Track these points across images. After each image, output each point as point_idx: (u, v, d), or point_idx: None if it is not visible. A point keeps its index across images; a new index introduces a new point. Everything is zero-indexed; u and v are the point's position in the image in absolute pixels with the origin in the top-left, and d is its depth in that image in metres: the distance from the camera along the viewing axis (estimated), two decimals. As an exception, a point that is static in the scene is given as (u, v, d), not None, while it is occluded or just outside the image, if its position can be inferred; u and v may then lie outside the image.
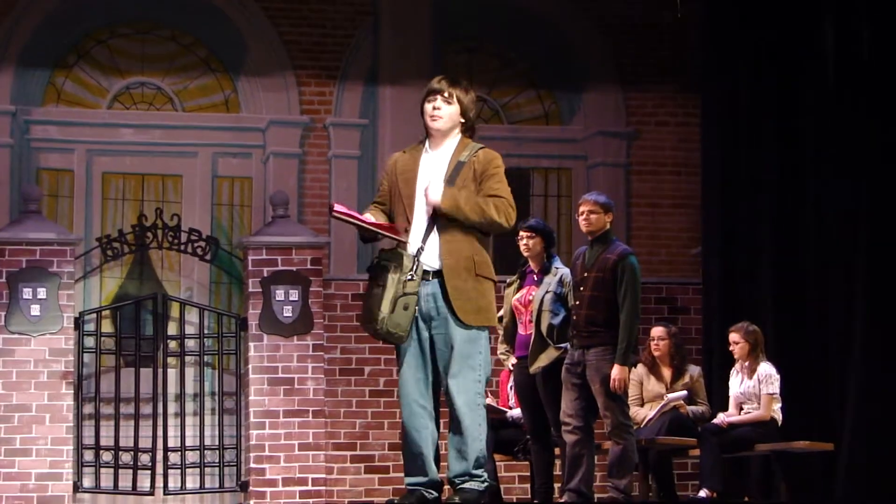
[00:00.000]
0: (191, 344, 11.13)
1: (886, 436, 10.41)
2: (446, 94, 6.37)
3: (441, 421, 6.39)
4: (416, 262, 6.21)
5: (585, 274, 8.44)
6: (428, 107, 6.39)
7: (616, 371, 8.22)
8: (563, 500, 8.51)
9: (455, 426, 6.27)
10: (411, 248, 6.26)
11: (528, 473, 9.83)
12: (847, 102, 10.92)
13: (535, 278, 8.90)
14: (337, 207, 6.25)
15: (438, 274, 6.25)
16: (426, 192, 6.28)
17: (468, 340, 6.25)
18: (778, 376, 9.59)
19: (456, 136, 6.42)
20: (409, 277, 6.17)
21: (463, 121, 6.42)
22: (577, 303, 8.45)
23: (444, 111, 6.37)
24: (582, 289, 8.44)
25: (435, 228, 6.27)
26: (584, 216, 8.47)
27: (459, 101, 6.38)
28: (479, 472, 6.32)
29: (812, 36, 11.14)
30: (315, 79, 11.85)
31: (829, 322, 10.86)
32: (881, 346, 10.55)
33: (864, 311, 10.64)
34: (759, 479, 10.67)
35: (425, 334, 6.29)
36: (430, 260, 6.26)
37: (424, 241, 6.26)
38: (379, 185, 6.54)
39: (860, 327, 10.63)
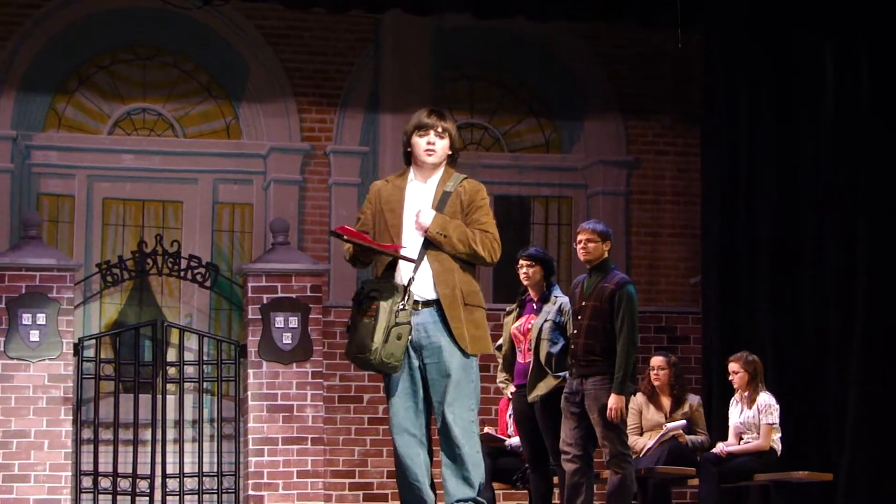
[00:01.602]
0: (190, 370, 11.12)
1: (885, 465, 10.39)
2: (440, 130, 6.39)
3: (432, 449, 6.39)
4: (408, 292, 6.22)
5: (583, 303, 8.44)
6: (421, 141, 6.39)
7: (612, 400, 8.21)
8: (561, 530, 8.50)
9: (453, 454, 6.26)
10: (401, 277, 6.27)
11: (527, 502, 9.80)
12: (846, 132, 10.93)
13: (535, 307, 8.89)
14: (345, 227, 6.30)
15: (429, 304, 6.26)
16: (418, 216, 6.29)
17: (464, 369, 6.26)
18: (777, 406, 9.58)
19: (441, 167, 6.44)
20: (401, 307, 6.17)
21: (450, 152, 6.45)
22: (576, 332, 8.44)
23: (439, 146, 6.39)
24: (580, 318, 8.43)
25: (425, 258, 6.28)
26: (582, 245, 8.46)
27: (449, 134, 6.41)
28: (480, 499, 6.33)
29: (812, 67, 11.16)
30: (316, 106, 11.86)
31: (828, 350, 10.85)
32: (880, 374, 10.55)
33: (863, 338, 10.64)
34: (758, 510, 10.64)
35: (416, 363, 6.29)
36: (421, 290, 6.26)
37: (415, 270, 6.27)
38: (360, 213, 6.54)
39: (859, 354, 10.63)
